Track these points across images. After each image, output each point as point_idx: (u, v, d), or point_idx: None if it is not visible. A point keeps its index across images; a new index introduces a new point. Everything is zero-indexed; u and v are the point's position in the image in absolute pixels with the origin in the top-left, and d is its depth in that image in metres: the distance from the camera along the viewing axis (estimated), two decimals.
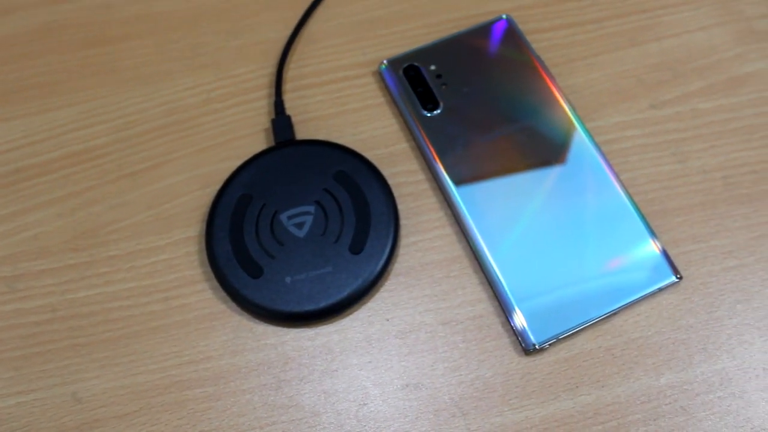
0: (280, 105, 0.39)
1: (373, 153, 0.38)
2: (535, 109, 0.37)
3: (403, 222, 0.36)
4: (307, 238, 0.34)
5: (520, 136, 0.37)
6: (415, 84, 0.38)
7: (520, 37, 0.40)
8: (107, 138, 0.39)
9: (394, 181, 0.37)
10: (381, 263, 0.34)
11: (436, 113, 0.38)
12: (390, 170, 0.37)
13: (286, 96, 0.40)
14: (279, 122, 0.38)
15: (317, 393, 0.33)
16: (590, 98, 0.39)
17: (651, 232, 0.35)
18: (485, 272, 0.34)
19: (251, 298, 0.33)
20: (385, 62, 0.39)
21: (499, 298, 0.34)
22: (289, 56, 0.41)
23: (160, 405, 0.33)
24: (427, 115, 0.38)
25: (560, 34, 0.41)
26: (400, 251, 0.36)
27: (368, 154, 0.37)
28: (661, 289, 0.34)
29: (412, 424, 0.32)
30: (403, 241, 0.36)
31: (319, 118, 0.39)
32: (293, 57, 0.41)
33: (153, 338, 0.34)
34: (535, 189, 0.36)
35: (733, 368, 0.33)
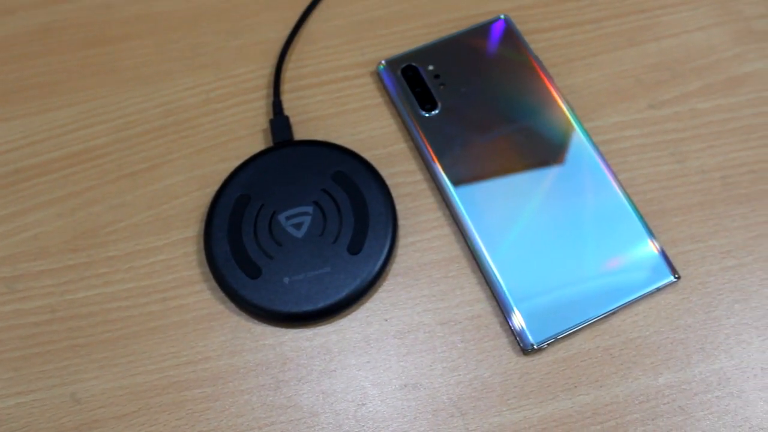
0: (279, 105, 0.39)
1: (372, 153, 0.38)
2: (534, 110, 0.37)
3: (402, 222, 0.36)
4: (306, 239, 0.34)
5: (518, 137, 0.37)
6: (414, 84, 0.38)
7: (519, 38, 0.40)
8: (107, 138, 0.39)
9: (393, 181, 0.37)
10: (379, 263, 0.34)
11: (435, 113, 0.38)
12: (388, 170, 0.37)
13: (285, 96, 0.40)
14: (277, 123, 0.38)
15: (316, 393, 0.33)
16: (589, 98, 0.39)
17: (649, 232, 0.35)
18: (483, 272, 0.34)
19: (249, 299, 0.33)
20: (384, 62, 0.39)
21: (498, 298, 0.34)
22: (287, 56, 0.41)
23: (159, 405, 0.33)
24: (426, 115, 0.38)
25: (559, 35, 0.41)
26: (399, 251, 0.36)
27: (366, 155, 0.37)
28: (659, 289, 0.34)
29: (411, 424, 0.32)
30: (402, 242, 0.36)
31: (317, 119, 0.39)
32: (292, 57, 0.41)
33: (151, 339, 0.34)
34: (534, 189, 0.36)
35: (731, 368, 0.33)
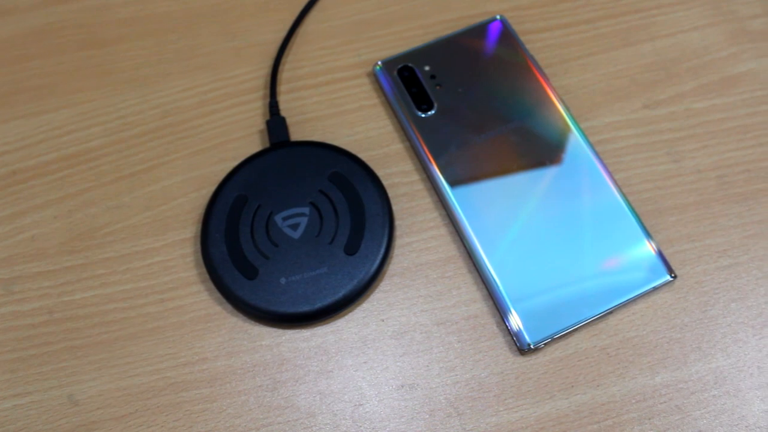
0: (275, 106, 0.39)
1: (368, 154, 0.38)
2: (529, 110, 0.38)
3: (398, 223, 0.36)
4: (302, 239, 0.34)
5: (514, 137, 0.37)
6: (410, 85, 0.38)
7: (514, 38, 0.40)
8: (104, 140, 0.39)
9: (389, 181, 0.37)
10: (376, 264, 0.34)
11: (431, 114, 0.38)
12: (384, 171, 0.37)
13: (282, 97, 0.40)
14: (274, 123, 0.38)
15: (313, 394, 0.33)
16: (584, 98, 0.39)
17: (645, 232, 0.35)
18: (480, 272, 0.35)
19: (246, 300, 0.33)
20: (380, 63, 0.39)
21: (494, 298, 0.34)
22: (284, 57, 0.41)
23: (156, 407, 0.33)
24: (422, 115, 0.38)
25: (554, 35, 0.41)
26: (395, 252, 0.36)
27: (363, 155, 0.37)
28: (655, 289, 0.34)
29: (408, 424, 0.32)
30: (398, 242, 0.36)
31: (314, 119, 0.39)
32: (288, 58, 0.41)
33: (149, 340, 0.34)
34: (530, 189, 0.36)
35: (728, 367, 0.33)
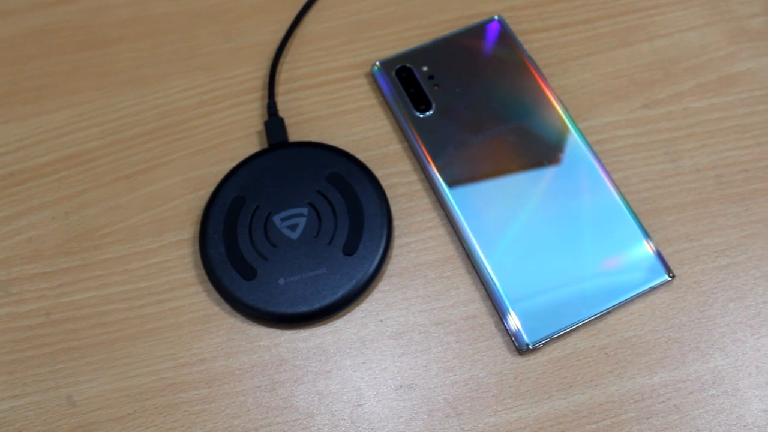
0: (273, 107, 0.39)
1: (366, 154, 0.38)
2: (528, 110, 0.38)
3: (397, 223, 0.36)
4: (301, 240, 0.34)
5: (512, 137, 0.37)
6: (408, 85, 0.38)
7: (512, 38, 0.40)
8: (102, 141, 0.39)
9: (387, 182, 0.37)
10: (374, 264, 0.34)
11: (429, 114, 0.38)
12: (383, 171, 0.37)
13: (280, 98, 0.40)
14: (272, 124, 0.38)
15: (311, 394, 0.33)
16: (582, 98, 0.39)
17: (644, 232, 0.35)
18: (478, 272, 0.35)
19: (245, 300, 0.33)
20: (378, 64, 0.39)
21: (493, 298, 0.34)
22: (282, 58, 0.41)
23: (155, 408, 0.33)
24: (420, 116, 0.38)
25: (552, 35, 0.41)
26: (394, 252, 0.36)
27: (361, 156, 0.37)
28: (654, 288, 0.34)
29: (406, 424, 0.32)
30: (397, 242, 0.36)
31: (312, 120, 0.39)
32: (286, 59, 0.41)
33: (147, 341, 0.34)
34: (528, 189, 0.36)
35: (726, 366, 0.33)
